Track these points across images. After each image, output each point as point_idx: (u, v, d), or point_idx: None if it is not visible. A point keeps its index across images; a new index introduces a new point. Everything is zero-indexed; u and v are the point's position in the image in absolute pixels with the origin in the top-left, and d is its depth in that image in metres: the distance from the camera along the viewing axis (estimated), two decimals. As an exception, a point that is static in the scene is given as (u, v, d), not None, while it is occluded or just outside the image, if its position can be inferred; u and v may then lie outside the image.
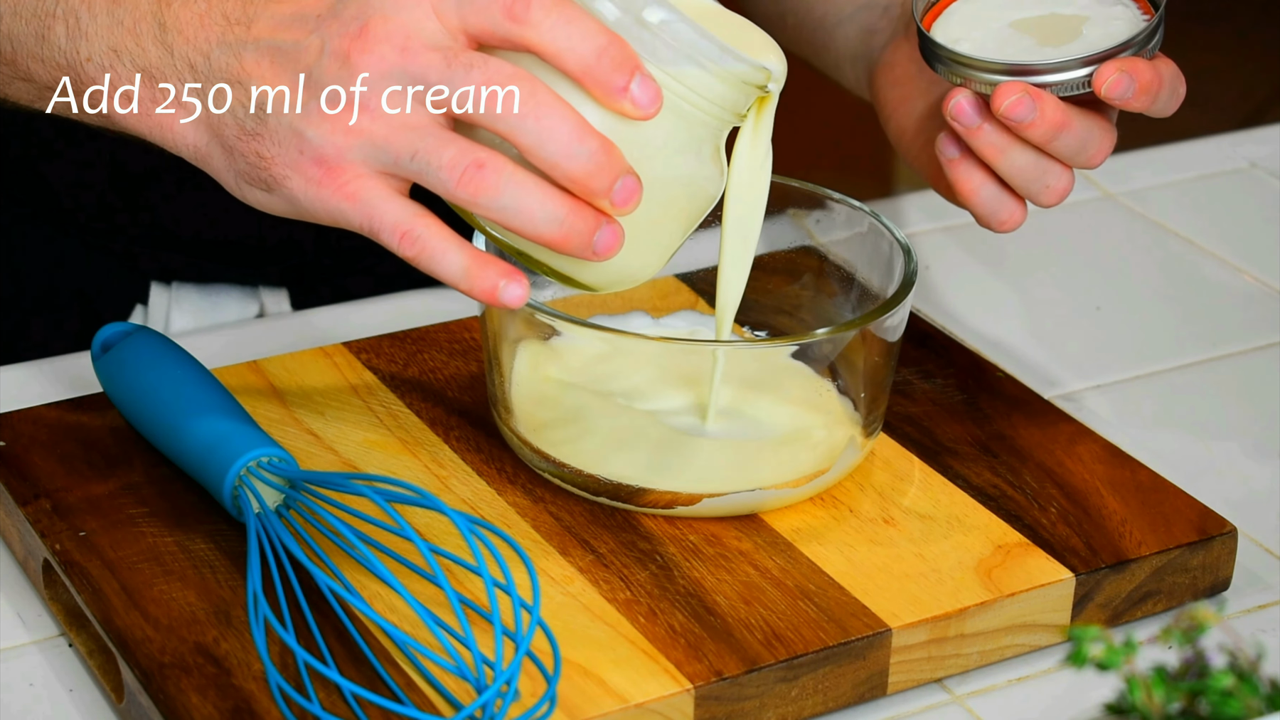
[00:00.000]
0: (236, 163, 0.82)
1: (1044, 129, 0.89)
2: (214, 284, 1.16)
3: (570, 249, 0.78)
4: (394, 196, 0.79)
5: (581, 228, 0.78)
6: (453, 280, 0.79)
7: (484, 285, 0.79)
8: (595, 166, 0.77)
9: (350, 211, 0.80)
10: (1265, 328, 1.12)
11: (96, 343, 0.94)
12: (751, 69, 0.80)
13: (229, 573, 0.84)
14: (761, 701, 0.81)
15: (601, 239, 0.79)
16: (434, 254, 0.79)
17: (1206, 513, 0.90)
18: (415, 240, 0.79)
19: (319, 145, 0.79)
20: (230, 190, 0.84)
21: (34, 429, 0.93)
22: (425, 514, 0.86)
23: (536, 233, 0.78)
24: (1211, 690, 0.60)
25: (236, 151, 0.82)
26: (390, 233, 0.79)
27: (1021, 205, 0.93)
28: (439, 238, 0.79)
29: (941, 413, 0.97)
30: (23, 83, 0.87)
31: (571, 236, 0.78)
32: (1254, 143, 1.32)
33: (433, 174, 0.78)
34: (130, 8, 0.84)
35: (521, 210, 0.78)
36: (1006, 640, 0.85)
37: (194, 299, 1.16)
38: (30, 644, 0.86)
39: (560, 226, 0.78)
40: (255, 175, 0.81)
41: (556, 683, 0.77)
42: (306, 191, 0.80)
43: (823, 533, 0.88)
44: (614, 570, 0.85)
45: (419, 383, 0.97)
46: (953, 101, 0.90)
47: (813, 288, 0.98)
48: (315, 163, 0.79)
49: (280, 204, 0.82)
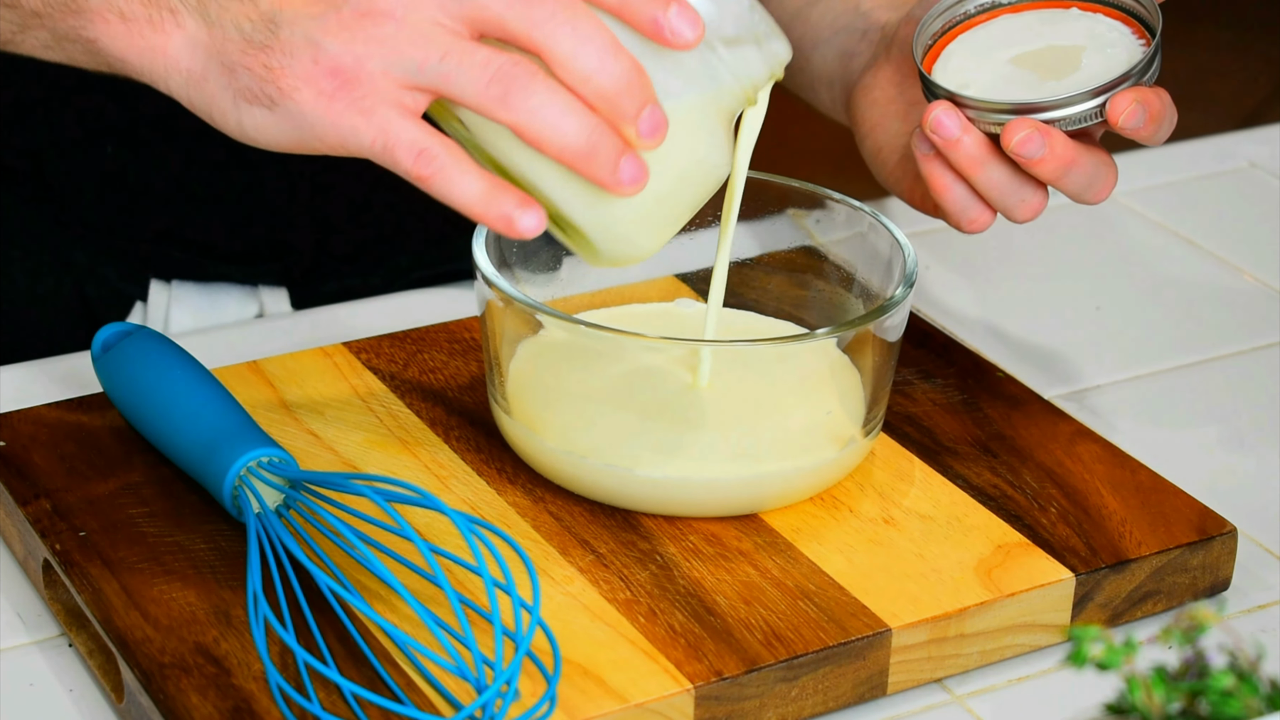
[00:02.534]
0: (237, 79, 0.78)
1: (1054, 165, 0.89)
2: (214, 283, 1.16)
3: (593, 171, 0.76)
4: (410, 116, 0.77)
5: (608, 149, 0.76)
6: (467, 205, 0.77)
7: (499, 211, 0.77)
8: (627, 85, 0.76)
9: (363, 128, 0.77)
10: (1265, 328, 1.12)
11: (96, 343, 0.94)
12: (784, 48, 0.80)
13: (229, 573, 0.84)
14: (761, 701, 0.81)
15: (627, 168, 0.77)
16: (450, 176, 0.77)
17: (1206, 513, 0.90)
18: (431, 160, 0.77)
19: (336, 54, 0.76)
20: (226, 122, 0.80)
21: (34, 429, 0.93)
22: (425, 514, 0.86)
23: (563, 145, 0.76)
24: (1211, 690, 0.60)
25: (239, 67, 0.78)
26: (406, 150, 0.77)
27: (991, 210, 0.93)
28: (456, 160, 0.77)
29: (941, 413, 0.97)
30: (6, 10, 0.83)
31: (597, 156, 0.76)
32: (1254, 143, 1.32)
33: (461, 75, 0.76)
34: None
35: (549, 118, 0.76)
36: (1006, 640, 0.85)
37: (194, 297, 1.15)
38: (30, 644, 0.86)
39: (587, 142, 0.76)
40: (259, 91, 0.78)
41: (556, 683, 0.77)
42: (316, 106, 0.77)
43: (823, 533, 0.88)
44: (614, 570, 0.85)
45: (419, 383, 0.97)
46: (932, 115, 0.90)
47: (813, 288, 0.98)
48: (330, 74, 0.77)
49: (284, 125, 0.78)
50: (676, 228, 0.84)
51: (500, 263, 0.91)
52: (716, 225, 0.94)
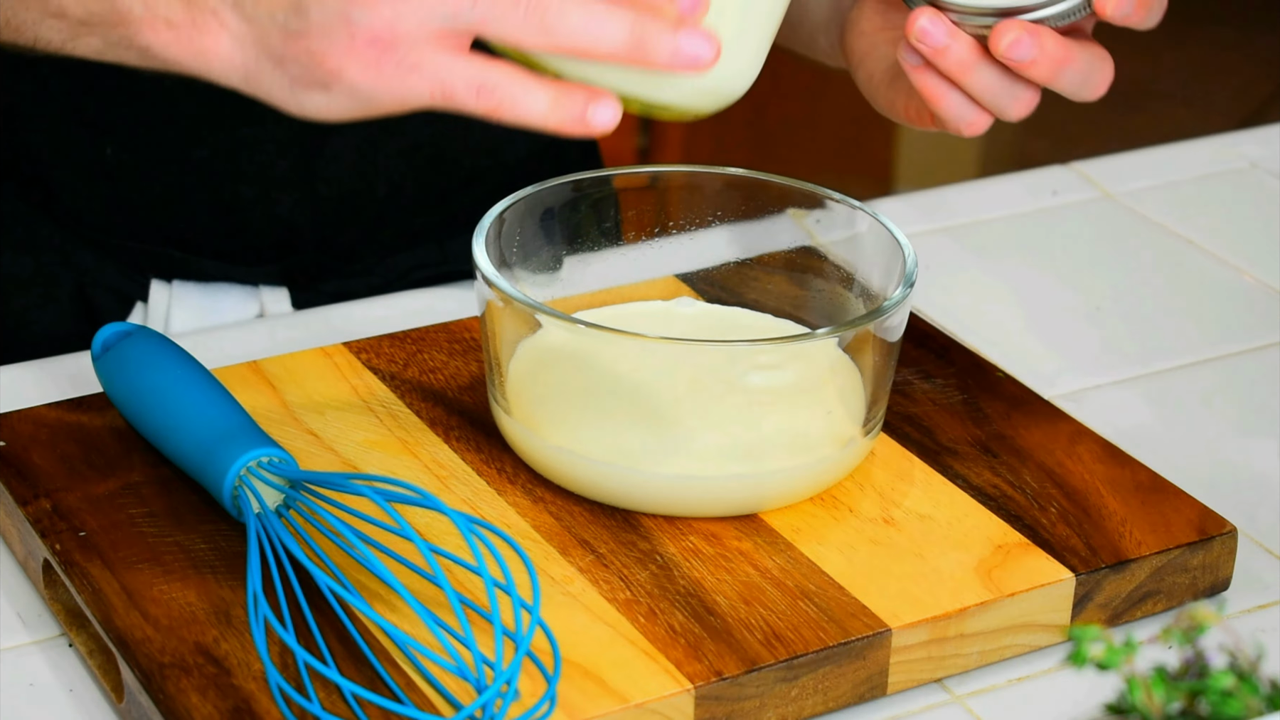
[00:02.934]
0: (289, 69, 0.80)
1: (1047, 66, 0.88)
2: (214, 283, 1.16)
3: (654, 61, 0.77)
4: (458, 55, 0.78)
5: (659, 37, 0.77)
6: (540, 120, 0.78)
7: (572, 113, 0.77)
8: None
9: (417, 84, 0.78)
10: (1265, 328, 1.12)
11: (96, 343, 0.94)
12: None
13: (229, 573, 0.84)
14: (761, 701, 0.81)
15: (687, 47, 0.77)
16: (515, 98, 0.78)
17: (1206, 513, 0.90)
18: (493, 90, 0.77)
19: (369, 23, 0.77)
20: (288, 108, 0.81)
21: (34, 429, 0.93)
22: (425, 514, 0.86)
23: (614, 49, 0.76)
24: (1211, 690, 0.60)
25: (286, 57, 0.79)
26: (466, 91, 0.78)
27: (988, 112, 0.92)
28: (515, 80, 0.78)
29: (941, 413, 0.97)
30: (55, 20, 0.85)
31: (651, 47, 0.77)
32: (1254, 143, 1.32)
33: (495, 16, 0.76)
34: None
35: (591, 30, 0.76)
36: (1006, 640, 0.85)
37: (194, 297, 1.16)
38: (30, 644, 0.86)
39: (635, 40, 0.76)
40: (310, 77, 0.79)
41: (556, 683, 0.77)
42: (367, 77, 0.78)
43: (823, 533, 0.88)
44: (614, 570, 0.85)
45: (419, 383, 0.97)
46: (917, 24, 0.89)
47: (813, 288, 0.98)
48: (369, 44, 0.77)
49: (343, 102, 0.80)
50: (765, 50, 0.83)
51: (500, 263, 0.91)
52: (717, 225, 0.95)
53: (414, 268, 1.18)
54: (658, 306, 1.00)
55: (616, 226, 0.99)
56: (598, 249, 0.98)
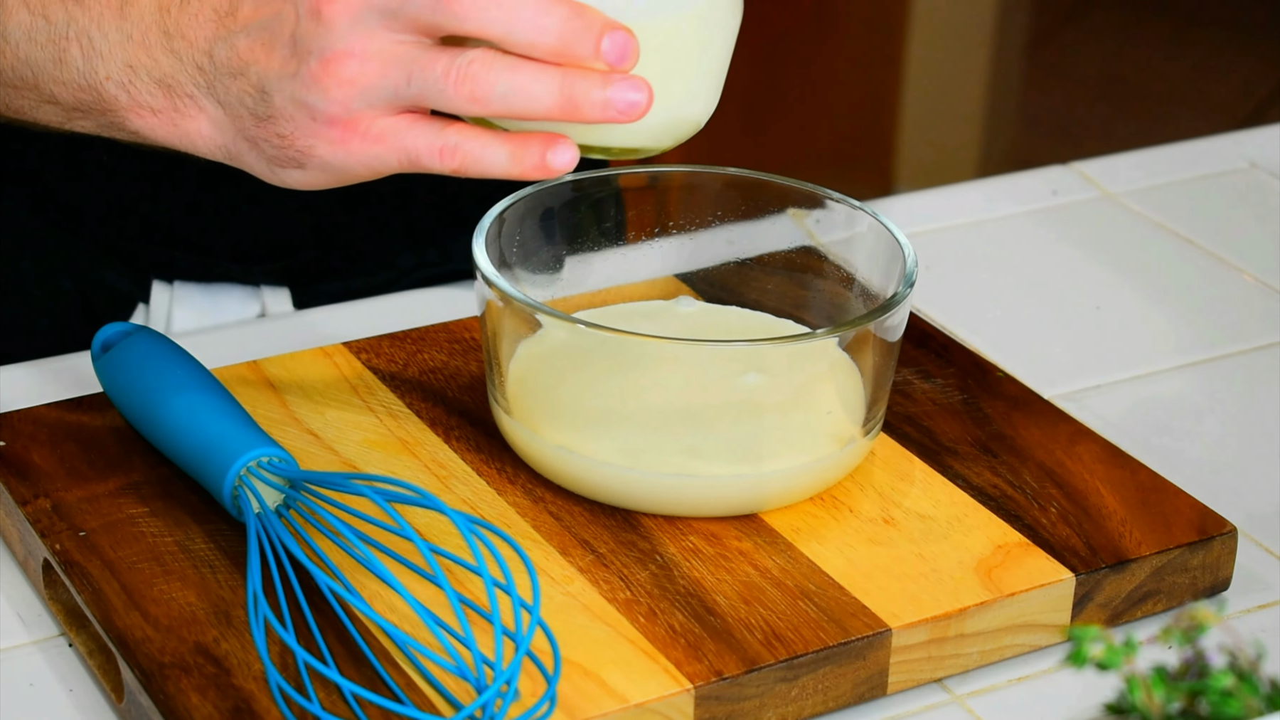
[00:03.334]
0: (264, 149, 0.84)
1: None
2: (216, 283, 1.16)
3: (585, 115, 0.79)
4: (417, 123, 0.81)
5: (586, 92, 0.78)
6: (503, 171, 0.80)
7: (532, 162, 0.80)
8: (570, 34, 0.78)
9: (384, 154, 0.81)
10: (1265, 328, 1.12)
11: (96, 343, 0.94)
12: None
13: (229, 573, 0.84)
14: (761, 701, 0.81)
15: (618, 98, 0.79)
16: (477, 155, 0.80)
17: (1206, 513, 0.90)
18: (454, 151, 0.80)
19: (325, 107, 0.81)
20: (269, 180, 0.85)
21: (34, 429, 0.93)
22: (425, 514, 0.86)
23: (544, 108, 0.79)
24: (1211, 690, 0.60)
25: (259, 139, 0.83)
26: (429, 155, 0.81)
27: None
28: (474, 138, 0.80)
29: (941, 413, 0.97)
30: (49, 106, 0.89)
31: (579, 104, 0.79)
32: (1254, 143, 1.32)
33: (432, 91, 0.79)
34: (137, 21, 0.85)
35: (519, 93, 0.79)
36: (1006, 640, 0.85)
37: (195, 298, 1.16)
38: (30, 644, 0.86)
39: (561, 96, 0.78)
40: (285, 156, 0.83)
41: (556, 683, 0.77)
42: (335, 154, 0.82)
43: (823, 533, 0.88)
44: (614, 570, 0.85)
45: (419, 383, 0.97)
46: None
47: (813, 288, 0.98)
48: (329, 124, 0.81)
49: (319, 175, 0.83)
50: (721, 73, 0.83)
51: (500, 263, 0.91)
52: (717, 225, 0.94)
53: (416, 267, 1.18)
54: (658, 306, 1.00)
55: (616, 226, 0.99)
56: (598, 249, 0.98)
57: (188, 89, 0.85)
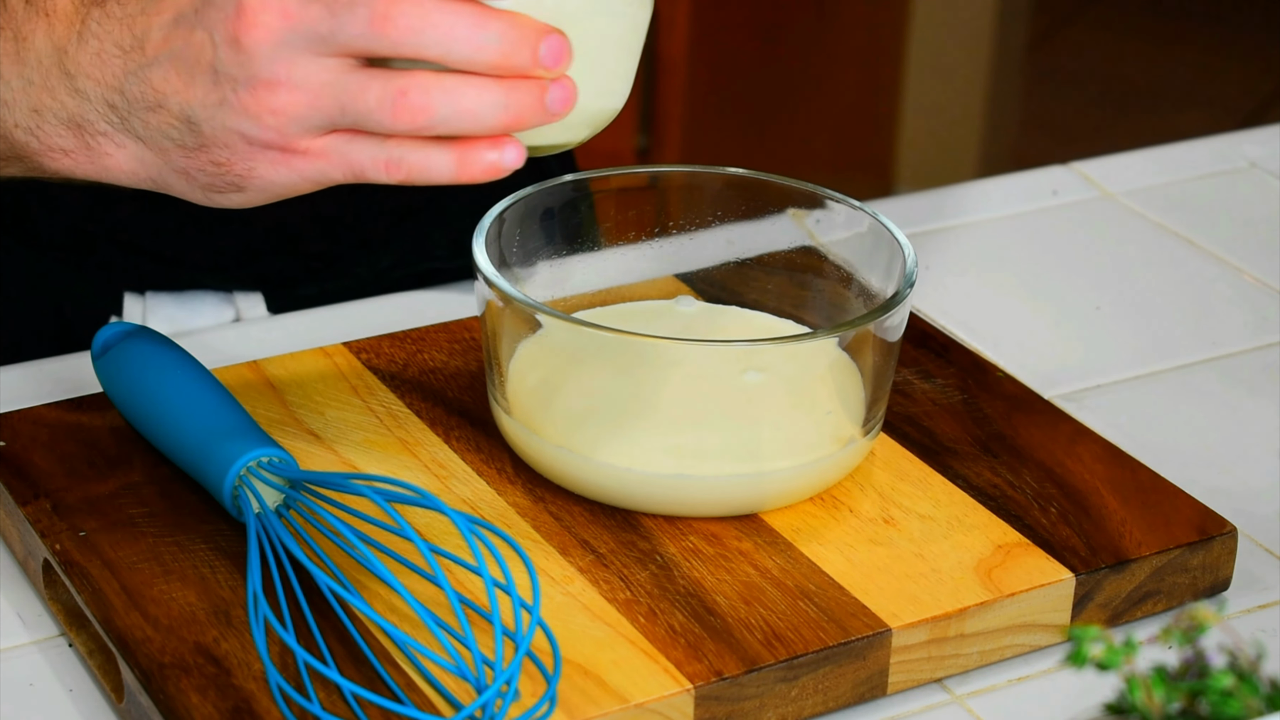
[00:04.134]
0: (196, 179, 0.82)
1: None
2: (188, 291, 1.15)
3: (528, 123, 0.78)
4: (357, 137, 0.79)
5: (528, 101, 0.78)
6: (451, 179, 0.79)
7: (481, 166, 0.79)
8: (508, 46, 0.77)
9: (327, 169, 0.80)
10: (1265, 328, 1.12)
11: (97, 343, 0.94)
12: None
13: (229, 573, 0.84)
14: (761, 701, 0.81)
15: (553, 99, 0.78)
16: (422, 166, 0.79)
17: (1206, 513, 0.90)
18: (399, 164, 0.79)
19: (259, 132, 0.79)
20: (204, 204, 0.83)
21: (34, 429, 0.93)
22: (425, 514, 0.86)
23: (488, 127, 0.78)
24: (1211, 690, 0.60)
25: (192, 169, 0.81)
26: (374, 168, 0.79)
27: None
28: (417, 149, 0.79)
29: (941, 413, 0.97)
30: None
31: (523, 113, 0.78)
32: (1254, 143, 1.32)
33: (367, 120, 0.78)
34: (35, 65, 0.83)
35: (463, 114, 0.77)
36: (1006, 640, 0.85)
37: (168, 307, 1.14)
38: (30, 644, 0.86)
39: (506, 110, 0.78)
40: (222, 182, 0.81)
41: (556, 683, 0.77)
42: (277, 173, 0.80)
43: (823, 533, 0.88)
44: (614, 570, 0.85)
45: (419, 383, 0.97)
46: None
47: (813, 288, 0.98)
48: (267, 147, 0.79)
49: (259, 196, 0.82)
50: (633, 69, 0.83)
51: (500, 263, 0.91)
52: (717, 225, 0.94)
53: (392, 266, 1.17)
54: (658, 306, 1.00)
55: (617, 226, 0.99)
56: (598, 249, 0.98)
57: (99, 127, 0.82)
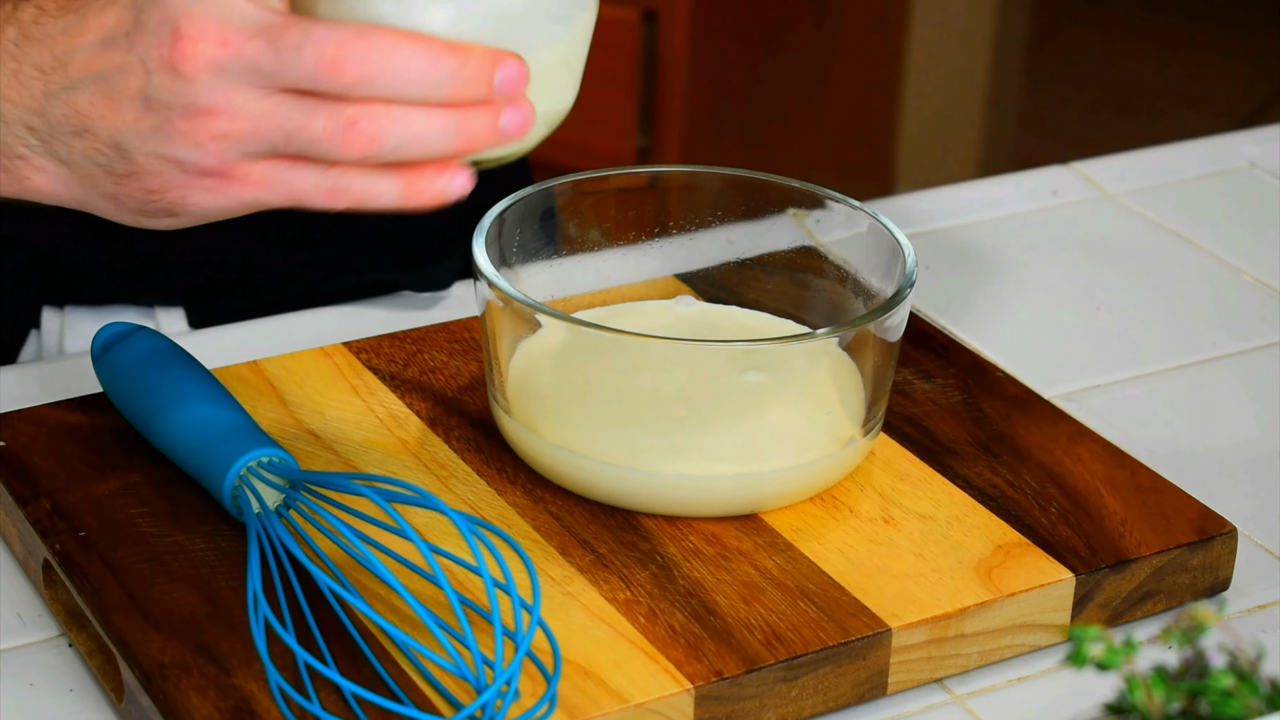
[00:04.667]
0: (126, 203, 0.79)
1: None
2: (107, 305, 1.12)
3: (479, 147, 0.76)
4: (298, 164, 0.77)
5: (481, 126, 0.76)
6: (398, 205, 0.77)
7: (428, 194, 0.77)
8: (464, 80, 0.75)
9: (266, 196, 0.77)
10: (1265, 328, 1.12)
11: (96, 343, 0.94)
12: None
13: (229, 573, 0.84)
14: (761, 701, 0.81)
15: (508, 123, 0.76)
16: (367, 194, 0.77)
17: (1206, 513, 0.90)
18: (344, 192, 0.77)
19: (197, 160, 0.76)
20: (132, 225, 0.81)
21: (34, 429, 0.93)
22: (425, 514, 0.86)
23: (439, 153, 0.76)
24: (1211, 690, 0.60)
25: (120, 195, 0.79)
26: (316, 196, 0.77)
27: None
28: (361, 176, 0.77)
29: (941, 413, 0.97)
30: None
31: (475, 138, 0.76)
32: (1254, 143, 1.32)
33: (314, 149, 0.75)
34: None
35: (413, 142, 0.75)
36: (1006, 640, 0.85)
37: (87, 322, 1.12)
38: (30, 644, 0.86)
39: (458, 137, 0.76)
40: (153, 208, 0.78)
41: (556, 683, 0.77)
42: (213, 200, 0.77)
43: (823, 533, 0.88)
44: (614, 570, 0.85)
45: (419, 383, 0.97)
46: None
47: (813, 288, 0.98)
48: (203, 174, 0.77)
49: (192, 220, 0.79)
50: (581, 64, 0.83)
51: (500, 263, 0.91)
52: (717, 225, 0.94)
53: (318, 281, 1.14)
54: (658, 306, 1.00)
55: (617, 226, 0.99)
56: (598, 249, 0.98)
57: (16, 150, 0.79)
